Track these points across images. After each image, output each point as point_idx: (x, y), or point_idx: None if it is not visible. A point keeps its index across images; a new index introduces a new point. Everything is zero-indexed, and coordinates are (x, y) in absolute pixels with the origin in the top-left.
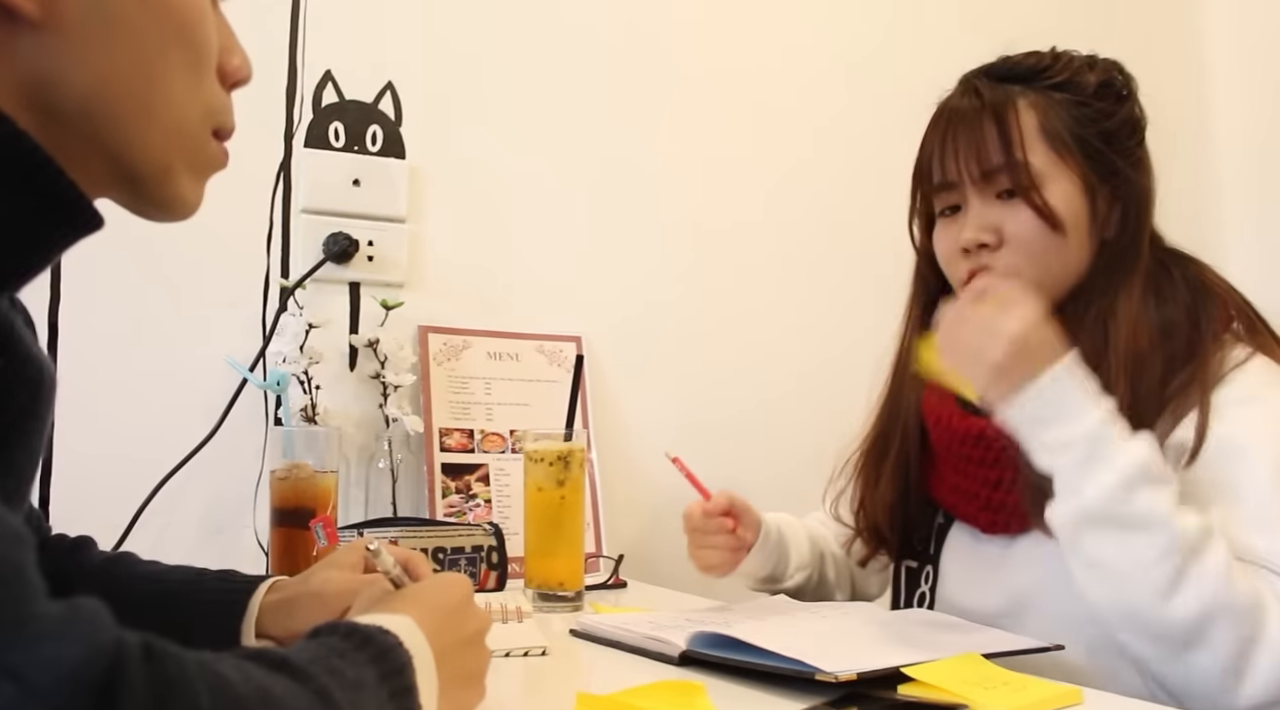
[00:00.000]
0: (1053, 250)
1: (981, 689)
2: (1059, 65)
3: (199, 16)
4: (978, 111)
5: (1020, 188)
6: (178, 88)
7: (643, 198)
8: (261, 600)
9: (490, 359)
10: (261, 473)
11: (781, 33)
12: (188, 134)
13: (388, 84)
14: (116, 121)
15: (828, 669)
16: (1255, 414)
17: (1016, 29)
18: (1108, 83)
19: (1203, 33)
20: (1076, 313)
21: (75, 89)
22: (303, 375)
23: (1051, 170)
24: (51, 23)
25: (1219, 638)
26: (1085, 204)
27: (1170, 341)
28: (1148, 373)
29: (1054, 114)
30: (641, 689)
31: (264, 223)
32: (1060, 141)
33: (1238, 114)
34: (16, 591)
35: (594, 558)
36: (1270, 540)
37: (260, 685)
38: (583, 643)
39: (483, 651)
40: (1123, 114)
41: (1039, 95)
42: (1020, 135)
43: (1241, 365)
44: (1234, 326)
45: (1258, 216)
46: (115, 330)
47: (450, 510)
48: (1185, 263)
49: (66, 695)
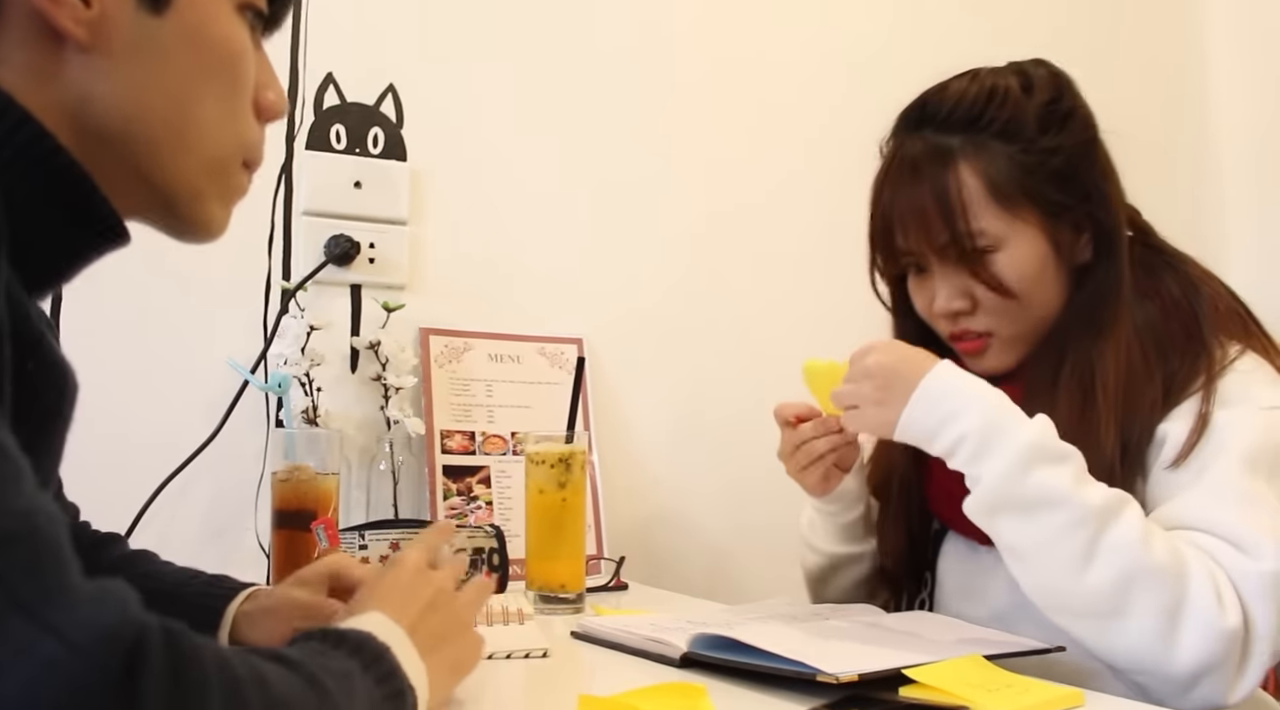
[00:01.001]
0: (1024, 308)
1: (984, 691)
2: (994, 107)
3: (239, 52)
4: (918, 183)
5: (971, 261)
6: (213, 117)
7: (644, 200)
8: (237, 610)
9: (491, 361)
10: (263, 475)
11: (782, 33)
12: (220, 162)
13: (389, 86)
14: (153, 146)
15: (829, 670)
16: (1238, 413)
17: (1018, 26)
18: (1048, 108)
19: (1203, 28)
20: (1058, 352)
21: (116, 112)
22: (304, 377)
23: (1006, 231)
24: (98, 48)
25: (1141, 605)
26: (1049, 249)
27: (1166, 357)
28: (1143, 401)
29: (997, 169)
30: (643, 691)
31: (265, 225)
32: (1010, 199)
33: (1239, 110)
34: (56, 562)
35: (595, 560)
36: (1218, 510)
37: (257, 669)
38: (584, 645)
39: (452, 607)
40: (1071, 140)
41: (979, 149)
42: (964, 205)
43: (1233, 364)
44: (1227, 324)
45: (1258, 215)
46: (116, 332)
47: (451, 512)
48: (1174, 261)
49: (101, 654)
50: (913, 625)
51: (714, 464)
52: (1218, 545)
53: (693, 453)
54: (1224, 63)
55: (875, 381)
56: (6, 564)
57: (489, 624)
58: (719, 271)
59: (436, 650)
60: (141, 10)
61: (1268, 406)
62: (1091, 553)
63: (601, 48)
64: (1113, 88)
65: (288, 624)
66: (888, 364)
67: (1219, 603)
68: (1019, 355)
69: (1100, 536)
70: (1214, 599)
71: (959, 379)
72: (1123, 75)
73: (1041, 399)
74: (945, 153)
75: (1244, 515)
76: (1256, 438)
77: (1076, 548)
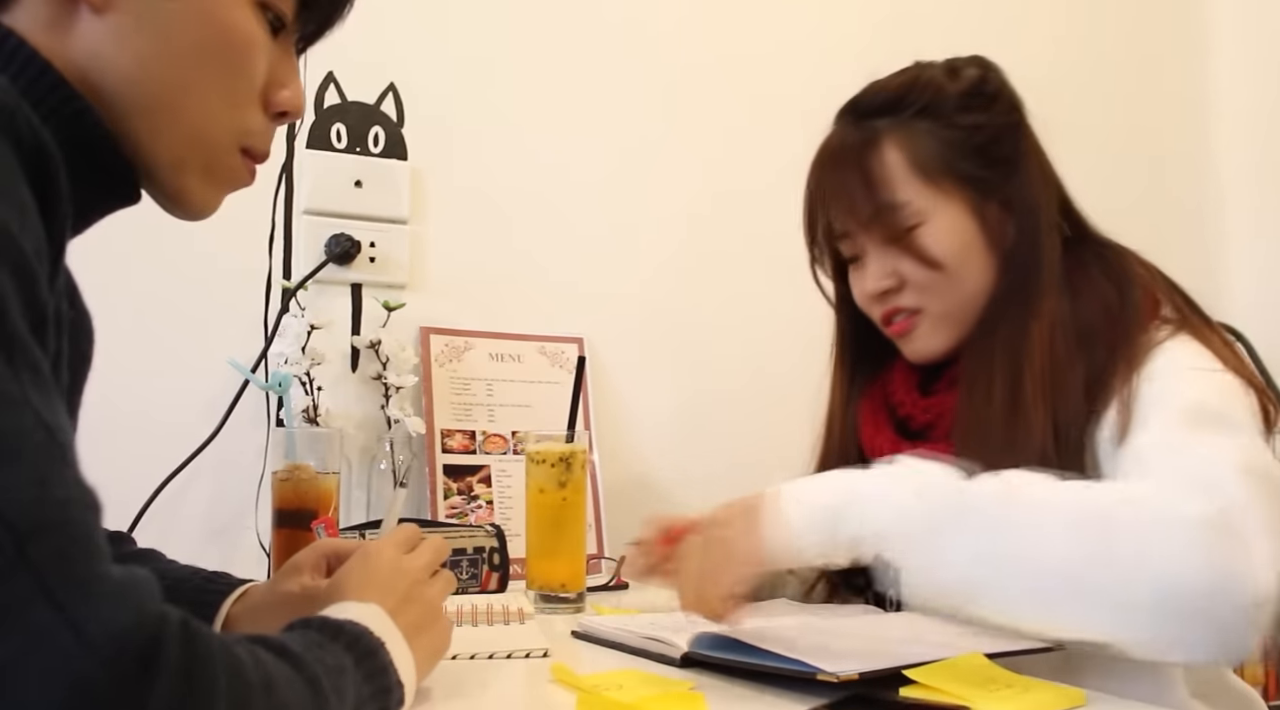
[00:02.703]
0: (951, 282)
1: (984, 691)
2: (917, 89)
3: (244, 40)
4: (843, 160)
5: (897, 234)
6: (208, 98)
7: (644, 199)
8: (229, 609)
9: (492, 360)
10: (263, 474)
11: (782, 33)
12: (209, 142)
13: (390, 85)
14: (146, 112)
15: (829, 669)
16: (1166, 381)
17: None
18: (971, 91)
19: (1208, 23)
20: (989, 335)
21: (119, 74)
22: (304, 376)
23: (930, 204)
24: (110, 10)
25: (1118, 536)
26: (975, 226)
27: (1091, 349)
28: (1069, 387)
29: (921, 146)
30: (641, 701)
31: (266, 224)
32: (933, 173)
33: (1240, 109)
34: (88, 551)
35: (595, 559)
36: (1169, 455)
37: (266, 673)
38: (584, 644)
39: (425, 596)
40: (994, 120)
41: (903, 128)
42: (887, 179)
43: (1161, 344)
44: (1163, 312)
45: (1258, 212)
46: (117, 330)
47: (452, 511)
48: (1107, 253)
49: (114, 652)
50: (912, 625)
51: (715, 463)
52: (1178, 466)
53: (693, 452)
54: (1226, 61)
55: (711, 541)
56: (42, 553)
57: (489, 624)
58: (720, 271)
59: (414, 639)
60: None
61: (1194, 368)
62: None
63: (602, 47)
64: (1114, 88)
65: (280, 620)
66: (715, 516)
67: (1187, 497)
68: (950, 337)
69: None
70: (1179, 496)
71: (804, 488)
72: (1124, 75)
73: (978, 384)
74: (870, 134)
75: (1197, 449)
76: (1191, 394)
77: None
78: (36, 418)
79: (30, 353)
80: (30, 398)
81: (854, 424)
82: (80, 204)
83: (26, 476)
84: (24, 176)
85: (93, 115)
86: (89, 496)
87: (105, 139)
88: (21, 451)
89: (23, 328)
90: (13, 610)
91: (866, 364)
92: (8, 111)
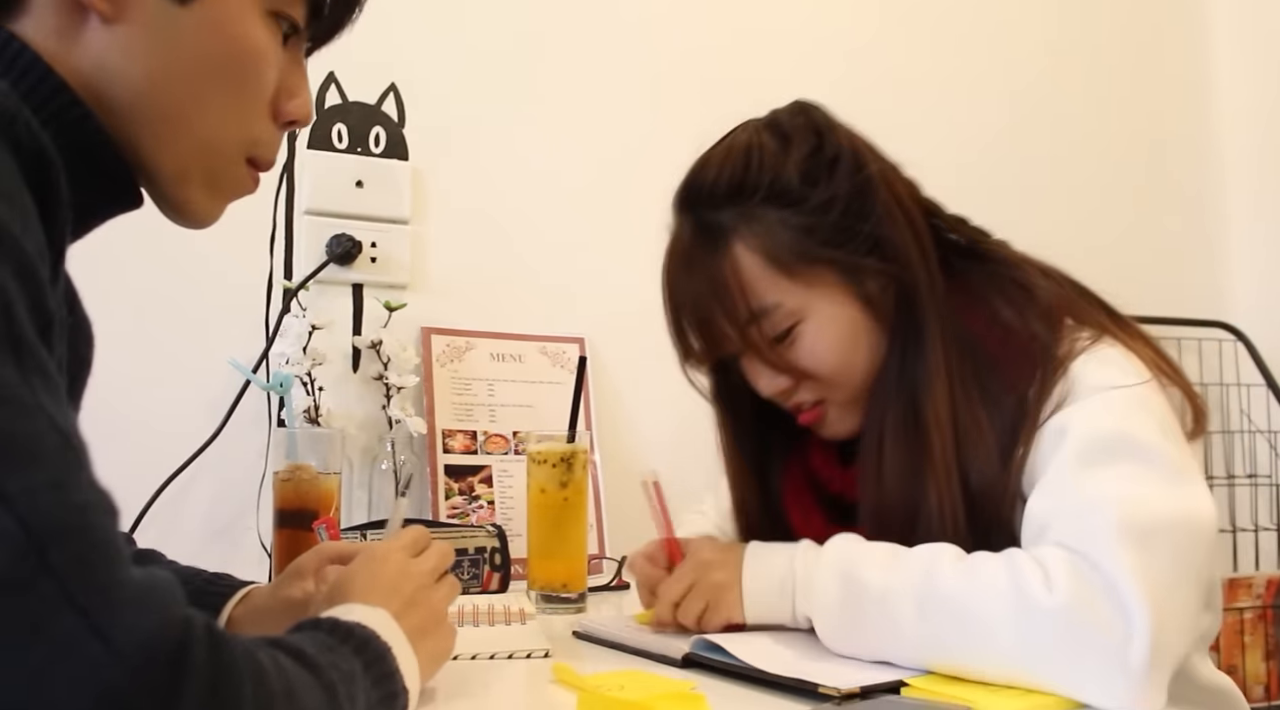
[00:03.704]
0: (847, 371)
1: (985, 691)
2: (753, 172)
3: (256, 53)
4: (696, 270)
5: (775, 339)
6: (216, 109)
7: (645, 198)
8: (231, 612)
9: (493, 360)
10: (264, 474)
11: (783, 33)
12: (214, 152)
13: (391, 86)
14: (152, 124)
15: (830, 684)
16: (1067, 412)
17: (1017, 23)
18: (810, 160)
19: (1206, 20)
20: (881, 413)
21: (126, 85)
22: (306, 377)
23: (802, 301)
24: (120, 22)
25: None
26: (855, 306)
27: (997, 397)
28: (979, 446)
29: (775, 239)
30: (642, 701)
31: (267, 224)
32: (796, 267)
33: (1245, 107)
34: (108, 555)
35: (597, 559)
36: (1049, 501)
37: (287, 680)
38: (586, 644)
39: (430, 601)
40: (843, 187)
41: (750, 221)
42: (748, 285)
43: (1069, 366)
44: (1069, 322)
45: (1257, 209)
46: (118, 331)
47: (453, 512)
48: (1000, 270)
49: (142, 660)
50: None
51: (716, 463)
52: (1068, 528)
53: (694, 452)
54: (1225, 48)
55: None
56: (63, 559)
57: (491, 624)
58: None
59: (418, 643)
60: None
61: (1101, 387)
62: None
63: (603, 47)
64: (1114, 82)
65: (282, 624)
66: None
67: (1045, 584)
68: (862, 414)
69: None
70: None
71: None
72: (1124, 69)
73: (871, 456)
74: (717, 233)
75: (1080, 495)
76: (1087, 429)
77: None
78: (50, 422)
79: (39, 356)
80: (43, 402)
81: (777, 507)
82: (80, 209)
83: (43, 481)
84: (24, 181)
85: (94, 122)
86: (106, 500)
87: (107, 146)
88: (37, 456)
89: (30, 331)
90: (39, 618)
91: (768, 450)
92: (8, 116)
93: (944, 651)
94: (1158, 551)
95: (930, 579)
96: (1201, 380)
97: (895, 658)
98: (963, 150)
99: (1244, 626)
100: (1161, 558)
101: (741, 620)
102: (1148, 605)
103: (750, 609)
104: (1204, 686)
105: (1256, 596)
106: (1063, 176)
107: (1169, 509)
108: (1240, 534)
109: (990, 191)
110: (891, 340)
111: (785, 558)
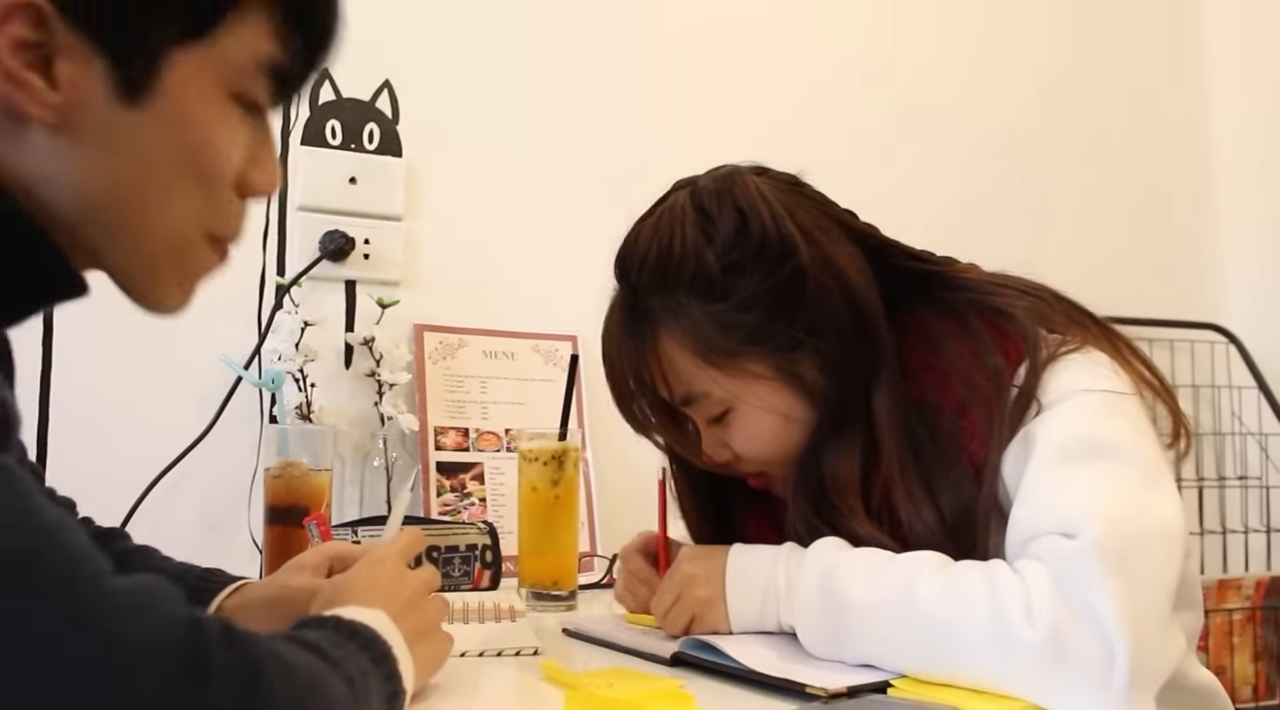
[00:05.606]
0: (785, 449)
1: (970, 693)
2: (674, 265)
3: (219, 148)
4: (630, 353)
5: (711, 419)
6: (177, 207)
7: (639, 196)
8: (221, 603)
9: (486, 358)
10: (256, 470)
11: (786, 33)
12: (177, 246)
13: (385, 82)
14: (109, 231)
15: (817, 683)
16: (1043, 418)
17: (1019, 35)
18: (732, 250)
19: (1203, 28)
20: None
21: (76, 195)
22: (298, 373)
23: (732, 389)
24: (66, 132)
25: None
26: (789, 391)
27: (947, 475)
28: (953, 474)
29: (701, 332)
30: (630, 700)
31: (260, 220)
32: (724, 359)
33: (1237, 111)
34: (94, 568)
35: (588, 557)
36: (1028, 510)
37: (311, 672)
38: (576, 642)
39: (425, 608)
40: (769, 277)
41: (676, 313)
42: (679, 375)
43: (1051, 369)
44: (1045, 336)
45: (1249, 212)
46: (110, 327)
47: (445, 509)
48: (959, 298)
49: (164, 660)
50: None
51: None
52: (1048, 545)
53: None
54: (1220, 64)
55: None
56: (49, 582)
57: (481, 621)
58: None
59: (415, 646)
60: (116, 100)
61: (1076, 390)
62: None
63: (597, 44)
64: (1109, 89)
65: (276, 615)
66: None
67: (1026, 617)
68: None
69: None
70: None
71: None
72: (1118, 75)
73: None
74: (644, 318)
75: (1057, 502)
76: (1060, 430)
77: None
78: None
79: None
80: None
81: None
82: (9, 305)
83: (5, 510)
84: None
85: (20, 221)
86: (65, 518)
87: (47, 248)
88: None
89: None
90: (41, 643)
91: (724, 496)
92: None
93: (925, 668)
94: (1138, 573)
95: (910, 597)
96: (1193, 382)
97: (879, 665)
98: (961, 157)
99: (1233, 628)
100: (1142, 579)
101: (728, 631)
102: (1127, 631)
103: (736, 622)
104: (1190, 687)
105: (1245, 598)
106: (1057, 183)
107: (1146, 519)
108: (1230, 536)
109: (988, 197)
110: (833, 412)
111: (768, 566)
